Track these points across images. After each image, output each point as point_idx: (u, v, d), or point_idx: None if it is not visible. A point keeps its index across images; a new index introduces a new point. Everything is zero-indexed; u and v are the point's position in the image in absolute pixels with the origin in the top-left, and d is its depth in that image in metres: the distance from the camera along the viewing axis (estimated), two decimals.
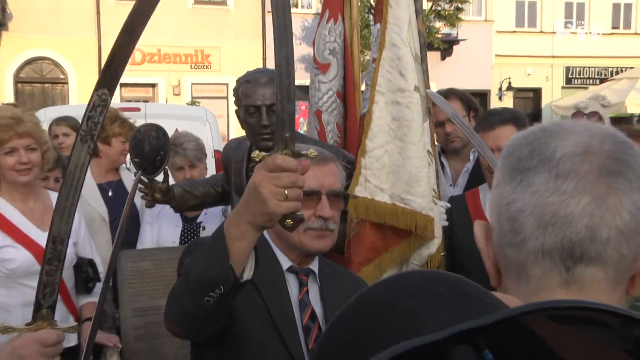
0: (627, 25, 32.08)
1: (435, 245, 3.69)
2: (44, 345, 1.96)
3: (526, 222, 1.09)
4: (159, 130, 4.04)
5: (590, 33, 30.98)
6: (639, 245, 1.08)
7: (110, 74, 2.02)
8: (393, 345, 0.69)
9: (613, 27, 31.70)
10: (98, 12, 25.38)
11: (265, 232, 2.28)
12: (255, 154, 1.78)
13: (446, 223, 3.79)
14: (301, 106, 18.02)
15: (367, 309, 0.86)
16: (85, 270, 3.96)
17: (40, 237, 3.67)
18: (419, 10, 3.96)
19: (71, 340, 3.95)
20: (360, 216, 3.58)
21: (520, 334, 0.68)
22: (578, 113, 4.91)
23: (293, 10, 23.22)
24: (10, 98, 22.94)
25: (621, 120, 20.54)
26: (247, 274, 1.87)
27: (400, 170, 3.66)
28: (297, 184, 1.73)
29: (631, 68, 27.49)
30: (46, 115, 7.00)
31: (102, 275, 4.12)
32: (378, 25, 3.95)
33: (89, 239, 4.20)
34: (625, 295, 1.13)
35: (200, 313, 1.89)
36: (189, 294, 1.91)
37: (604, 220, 1.05)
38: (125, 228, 4.70)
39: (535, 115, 28.03)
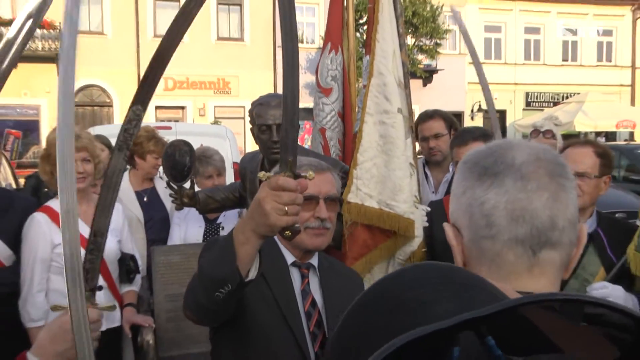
0: (574, 58, 32.25)
1: (416, 243, 3.73)
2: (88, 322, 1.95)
3: (500, 217, 1.12)
4: (186, 145, 4.05)
5: (545, 65, 31.17)
6: (574, 236, 1.15)
7: (143, 93, 2.03)
8: (404, 333, 0.66)
9: (563, 60, 31.92)
10: (137, 47, 25.57)
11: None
12: (261, 174, 1.80)
13: (427, 224, 3.78)
14: (306, 125, 18.11)
15: (376, 301, 0.84)
16: (127, 263, 3.95)
17: (86, 232, 3.63)
18: (402, 44, 3.94)
19: (115, 321, 3.97)
20: (353, 219, 3.59)
21: (517, 321, 0.66)
22: (535, 131, 4.88)
23: (300, 45, 23.45)
24: None
25: (570, 137, 20.70)
26: (252, 274, 1.89)
27: (386, 180, 3.68)
28: (296, 202, 1.74)
29: (578, 94, 27.70)
30: (94, 133, 6.96)
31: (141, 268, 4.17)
32: (368, 57, 3.97)
33: (131, 237, 4.19)
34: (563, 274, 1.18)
35: (212, 305, 1.91)
36: (203, 289, 1.92)
37: (560, 212, 1.12)
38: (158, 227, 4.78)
39: (501, 132, 28.02)
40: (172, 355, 3.78)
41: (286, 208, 1.71)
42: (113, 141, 5.52)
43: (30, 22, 1.65)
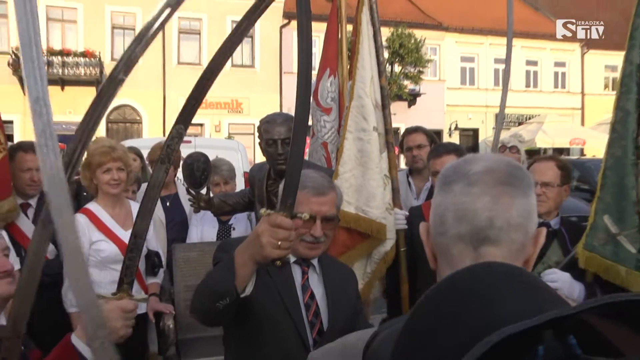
0: (535, 85, 32.40)
1: (389, 244, 3.74)
2: (124, 311, 1.97)
3: (448, 216, 1.15)
4: (203, 156, 4.05)
5: (511, 90, 31.17)
6: (526, 236, 1.13)
7: (185, 115, 2.02)
8: (474, 326, 0.66)
9: (526, 86, 32.01)
10: (163, 73, 25.66)
11: None
12: (263, 210, 1.78)
13: (405, 227, 3.80)
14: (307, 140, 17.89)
15: (446, 295, 0.81)
16: (152, 259, 3.94)
17: (123, 235, 3.69)
18: (382, 72, 3.92)
19: (142, 309, 3.95)
20: None
21: (585, 324, 0.64)
22: (503, 146, 4.92)
23: (295, 69, 23.42)
24: (102, 133, 23.34)
25: (532, 152, 20.89)
26: (248, 290, 1.91)
27: (362, 188, 3.68)
28: (289, 239, 1.74)
29: (538, 115, 27.82)
30: (126, 146, 6.96)
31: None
32: (350, 82, 3.96)
33: (155, 237, 4.18)
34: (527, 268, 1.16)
35: (213, 311, 1.93)
36: (207, 298, 1.96)
37: (499, 213, 1.11)
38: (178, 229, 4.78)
39: (474, 148, 28.13)
40: (189, 338, 3.77)
41: (279, 243, 1.72)
42: (143, 152, 5.58)
43: (168, 10, 1.63)
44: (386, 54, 19.57)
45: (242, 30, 2.01)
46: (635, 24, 2.97)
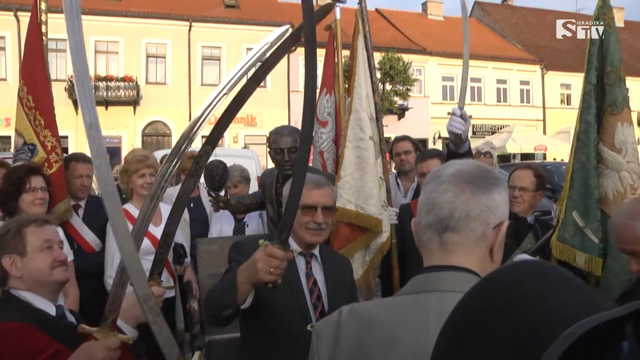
0: (505, 100, 32.32)
1: (385, 236, 3.78)
2: (155, 296, 1.84)
3: (422, 209, 1.20)
4: (221, 163, 4.00)
5: (485, 104, 31.25)
6: (486, 227, 1.15)
7: (213, 136, 2.04)
8: (530, 318, 0.57)
9: (497, 101, 31.98)
10: (189, 93, 25.82)
11: None
12: (261, 242, 1.77)
13: (396, 222, 3.84)
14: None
15: (492, 290, 0.72)
16: (178, 250, 3.92)
17: (154, 230, 3.71)
18: (375, 89, 3.96)
19: (171, 293, 3.96)
20: (337, 219, 3.49)
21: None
22: (477, 152, 4.92)
23: (301, 88, 23.39)
24: (139, 145, 23.89)
25: (503, 157, 21.05)
26: (247, 303, 1.91)
27: (360, 189, 3.71)
28: (280, 267, 1.73)
29: (508, 125, 27.81)
30: (158, 155, 6.87)
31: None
32: (349, 99, 4.01)
33: (181, 232, 4.11)
34: (490, 260, 1.17)
35: (219, 317, 1.97)
36: (214, 307, 1.99)
37: (458, 206, 1.14)
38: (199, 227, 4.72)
39: None
40: None
41: (272, 270, 1.71)
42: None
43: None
44: (378, 75, 19.74)
45: (271, 62, 2.08)
46: (591, 51, 3.03)
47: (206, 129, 1.98)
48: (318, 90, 4.62)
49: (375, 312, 1.23)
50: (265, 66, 2.04)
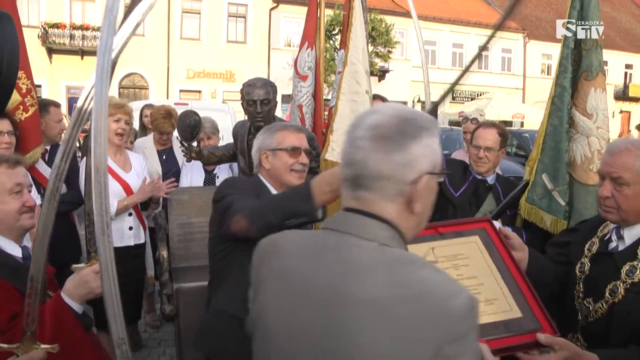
0: (486, 67, 32.49)
1: None
2: (97, 272, 1.84)
3: (342, 161, 1.18)
4: (195, 114, 3.94)
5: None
6: (401, 183, 1.10)
7: None
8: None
9: (478, 68, 32.01)
10: (168, 46, 25.49)
11: (263, 178, 2.39)
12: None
13: None
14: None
15: None
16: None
17: (123, 175, 3.88)
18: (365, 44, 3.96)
19: (141, 239, 4.07)
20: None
21: None
22: (465, 118, 4.95)
23: (287, 48, 23.11)
24: (115, 96, 23.24)
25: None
26: (320, 214, 1.83)
27: None
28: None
29: (487, 92, 28.04)
30: (134, 106, 6.76)
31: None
32: (342, 51, 3.99)
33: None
34: (409, 212, 1.13)
35: (277, 226, 1.74)
36: (276, 214, 1.87)
37: (369, 165, 1.10)
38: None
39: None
40: (180, 267, 3.72)
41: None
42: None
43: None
44: None
45: None
46: (570, 14, 3.02)
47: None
48: (299, 45, 4.57)
49: (283, 241, 1.24)
50: None
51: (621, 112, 36.04)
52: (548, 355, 1.51)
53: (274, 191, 2.32)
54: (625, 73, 36.09)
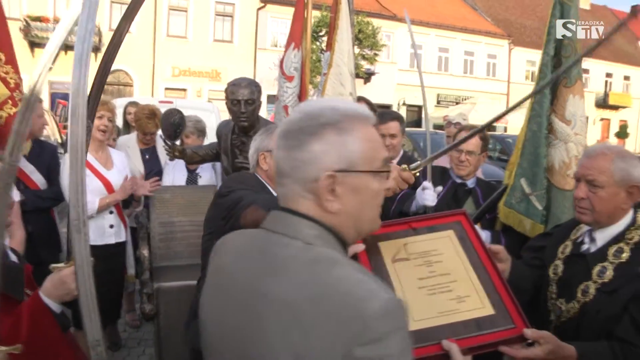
0: (471, 72, 32.53)
1: None
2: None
3: None
4: (178, 112, 3.94)
5: (451, 75, 31.51)
6: (304, 182, 1.08)
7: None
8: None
9: (463, 73, 32.20)
10: (154, 43, 25.20)
11: (261, 177, 2.41)
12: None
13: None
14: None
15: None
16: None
17: (105, 172, 3.85)
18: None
19: (122, 237, 4.04)
20: None
21: None
22: (448, 122, 5.00)
23: (274, 48, 22.96)
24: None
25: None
26: None
27: None
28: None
29: (472, 97, 28.18)
30: (117, 103, 6.69)
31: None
32: (328, 53, 4.00)
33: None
34: (323, 207, 1.09)
35: None
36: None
37: (278, 162, 1.12)
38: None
39: (418, 122, 28.26)
40: (161, 266, 3.72)
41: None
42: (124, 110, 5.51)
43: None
44: None
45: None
46: (551, 23, 3.05)
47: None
48: (285, 45, 4.58)
49: (229, 239, 1.24)
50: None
51: (602, 119, 36.60)
52: (533, 349, 1.53)
53: (273, 192, 2.32)
54: (606, 81, 36.68)
